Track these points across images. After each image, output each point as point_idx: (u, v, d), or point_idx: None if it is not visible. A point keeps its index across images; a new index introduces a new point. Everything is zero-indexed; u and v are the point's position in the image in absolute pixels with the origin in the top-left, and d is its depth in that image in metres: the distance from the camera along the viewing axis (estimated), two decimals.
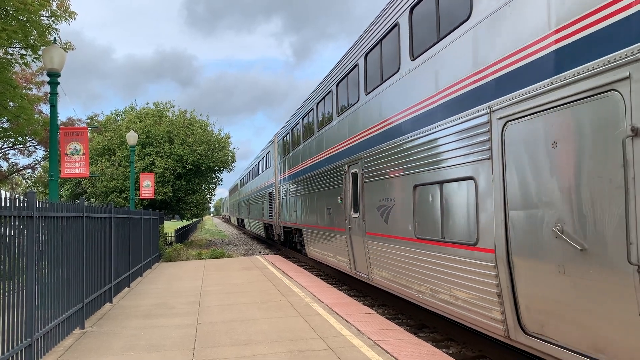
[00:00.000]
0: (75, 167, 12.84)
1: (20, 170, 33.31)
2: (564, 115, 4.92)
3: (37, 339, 6.20)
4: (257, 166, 32.00)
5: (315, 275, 15.49)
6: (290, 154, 19.25)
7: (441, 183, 7.16)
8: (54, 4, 12.76)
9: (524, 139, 5.44)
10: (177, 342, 7.28)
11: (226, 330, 7.86)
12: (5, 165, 30.76)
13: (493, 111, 5.95)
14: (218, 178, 33.93)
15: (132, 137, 20.75)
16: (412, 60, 8.26)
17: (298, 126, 17.94)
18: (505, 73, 5.86)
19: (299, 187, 17.34)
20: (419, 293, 8.02)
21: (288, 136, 19.96)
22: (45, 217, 6.62)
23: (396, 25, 8.92)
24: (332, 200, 13.02)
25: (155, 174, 26.27)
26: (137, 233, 14.36)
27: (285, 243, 23.34)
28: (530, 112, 5.36)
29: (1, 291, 5.28)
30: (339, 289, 12.71)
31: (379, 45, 9.96)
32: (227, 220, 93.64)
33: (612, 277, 4.34)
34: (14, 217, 5.67)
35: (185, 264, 18.79)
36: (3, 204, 5.38)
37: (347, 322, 8.21)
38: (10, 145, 27.97)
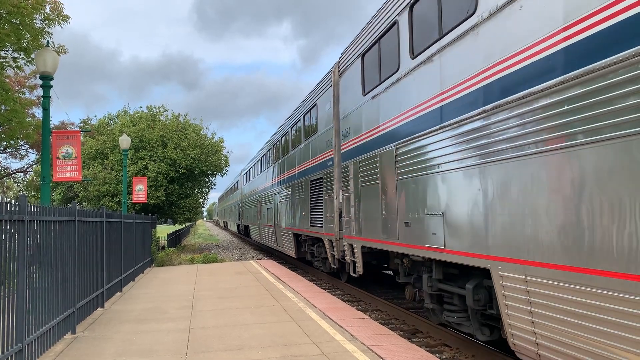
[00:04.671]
0: (67, 170, 12.74)
1: (11, 174, 33.07)
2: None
3: (28, 344, 6.14)
4: (233, 187, 47.93)
5: (309, 280, 15.47)
6: (245, 185, 35.07)
7: (270, 207, 22.48)
8: (47, 7, 12.71)
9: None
10: (170, 347, 7.24)
11: (219, 335, 7.83)
12: None
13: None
14: (211, 182, 33.87)
15: (125, 141, 20.68)
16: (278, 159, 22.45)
17: (248, 172, 33.61)
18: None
19: (248, 204, 32.81)
20: (266, 241, 24.38)
21: (245, 176, 35.47)
22: (36, 221, 6.58)
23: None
24: (255, 212, 28.01)
25: (148, 178, 26.17)
26: (130, 237, 14.29)
27: (246, 234, 38.07)
28: None
29: None
30: (332, 294, 12.69)
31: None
32: (218, 224, 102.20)
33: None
34: (5, 221, 5.62)
35: (177, 269, 18.70)
36: None
37: (341, 327, 8.19)
38: (2, 148, 27.77)
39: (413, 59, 7.66)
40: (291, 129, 17.78)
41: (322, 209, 13.16)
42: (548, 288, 4.83)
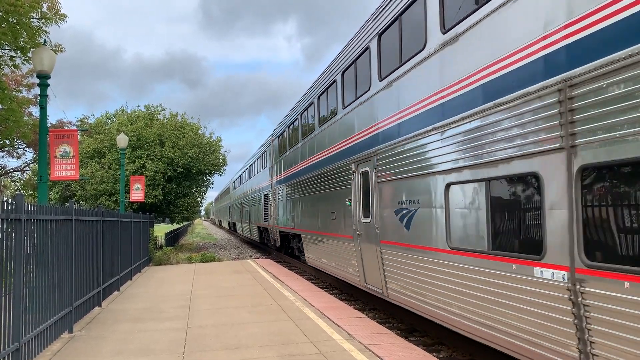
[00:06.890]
0: (64, 169, 12.70)
1: (8, 173, 33.02)
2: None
3: (25, 343, 6.13)
4: (226, 190, 58.42)
5: (307, 279, 15.48)
6: (233, 191, 44.22)
7: (247, 209, 33.21)
8: (44, 6, 12.65)
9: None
10: (167, 346, 7.24)
11: (216, 334, 7.83)
12: None
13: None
14: (209, 181, 33.82)
15: (122, 140, 20.62)
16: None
17: (235, 181, 42.53)
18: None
19: (235, 206, 42.16)
20: (246, 233, 34.66)
21: (234, 183, 44.52)
22: (33, 220, 6.56)
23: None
24: (239, 212, 37.39)
25: (146, 177, 26.10)
26: (127, 236, 14.27)
27: (234, 230, 47.21)
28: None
29: None
30: (330, 293, 12.70)
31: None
32: (214, 222, 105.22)
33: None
34: (2, 220, 5.61)
35: (175, 268, 18.69)
36: None
37: (338, 326, 8.20)
38: None
39: (289, 149, 17.54)
40: (256, 160, 28.10)
41: (268, 210, 22.58)
42: (307, 238, 14.90)
